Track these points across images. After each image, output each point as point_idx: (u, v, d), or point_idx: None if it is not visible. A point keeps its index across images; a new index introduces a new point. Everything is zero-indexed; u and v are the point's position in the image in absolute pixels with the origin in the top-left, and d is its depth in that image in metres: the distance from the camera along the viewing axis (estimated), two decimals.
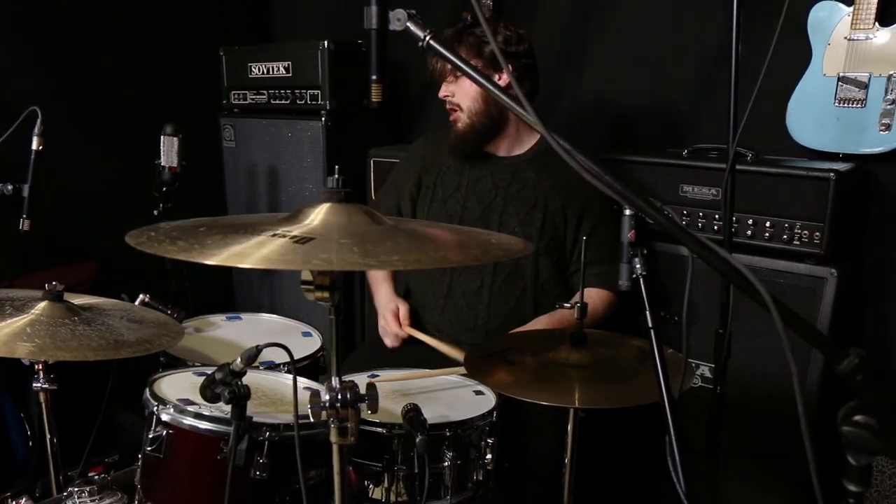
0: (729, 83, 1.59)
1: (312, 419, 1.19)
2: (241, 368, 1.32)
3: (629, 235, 1.26)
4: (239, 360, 1.32)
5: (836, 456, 0.96)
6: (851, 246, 2.09)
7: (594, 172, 1.00)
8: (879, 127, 2.00)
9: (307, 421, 1.28)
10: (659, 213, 1.00)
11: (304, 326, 2.13)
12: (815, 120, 2.10)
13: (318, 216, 1.16)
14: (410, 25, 1.12)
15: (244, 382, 1.34)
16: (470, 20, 2.07)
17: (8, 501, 1.88)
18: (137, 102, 2.93)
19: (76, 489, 1.62)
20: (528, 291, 2.06)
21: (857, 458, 0.92)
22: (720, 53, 1.97)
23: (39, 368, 1.72)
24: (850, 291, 2.04)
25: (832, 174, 1.90)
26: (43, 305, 1.57)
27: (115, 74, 2.93)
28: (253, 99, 3.08)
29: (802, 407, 0.90)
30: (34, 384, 1.73)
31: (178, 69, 3.13)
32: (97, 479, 1.67)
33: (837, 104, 2.05)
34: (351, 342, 2.96)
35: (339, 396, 1.17)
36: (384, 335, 2.13)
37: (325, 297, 1.15)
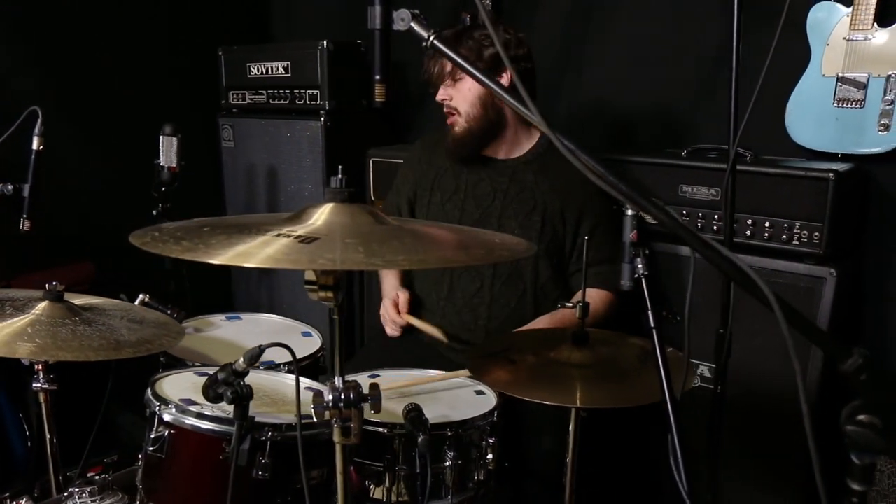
0: (729, 83, 1.59)
1: (316, 419, 1.19)
2: (243, 368, 1.32)
3: (631, 235, 1.26)
4: (241, 360, 1.32)
5: (834, 454, 0.96)
6: (850, 246, 2.09)
7: (598, 172, 1.00)
8: (878, 127, 2.00)
9: (310, 421, 1.28)
10: (663, 212, 1.00)
11: (303, 326, 2.13)
12: (814, 120, 2.10)
13: (321, 216, 1.16)
14: (414, 25, 1.12)
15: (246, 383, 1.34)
16: (469, 21, 2.06)
17: (7, 502, 1.87)
18: (137, 102, 2.93)
19: (77, 489, 1.61)
20: (528, 293, 2.06)
21: (860, 457, 0.92)
22: (720, 53, 1.97)
23: (39, 368, 1.72)
24: (849, 291, 2.04)
25: (831, 174, 1.90)
26: (43, 305, 1.57)
27: (114, 74, 2.93)
28: (252, 99, 3.07)
29: (806, 406, 0.90)
30: (34, 384, 1.72)
31: (177, 69, 3.13)
32: (98, 479, 1.66)
33: (836, 104, 2.06)
34: (351, 342, 2.95)
35: (342, 396, 1.17)
36: (384, 323, 2.16)
37: (328, 297, 1.16)
